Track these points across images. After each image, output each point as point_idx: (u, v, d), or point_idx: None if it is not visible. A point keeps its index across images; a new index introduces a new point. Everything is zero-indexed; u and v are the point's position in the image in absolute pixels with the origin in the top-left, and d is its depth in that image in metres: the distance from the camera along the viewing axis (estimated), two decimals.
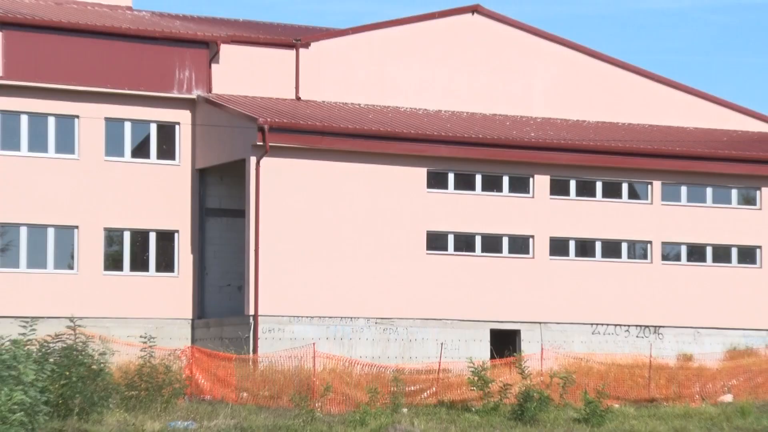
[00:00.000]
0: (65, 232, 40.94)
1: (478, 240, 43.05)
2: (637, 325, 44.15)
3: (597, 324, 43.63)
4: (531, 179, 43.59)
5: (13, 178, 40.20)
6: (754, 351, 43.67)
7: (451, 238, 42.68)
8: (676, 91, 49.41)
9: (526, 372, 36.63)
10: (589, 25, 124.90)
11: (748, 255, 46.32)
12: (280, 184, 40.22)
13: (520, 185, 43.56)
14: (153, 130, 42.15)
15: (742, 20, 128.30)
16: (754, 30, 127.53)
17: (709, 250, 45.91)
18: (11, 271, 40.27)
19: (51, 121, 40.85)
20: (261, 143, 39.45)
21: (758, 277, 46.18)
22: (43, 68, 40.36)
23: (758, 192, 46.59)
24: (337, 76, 44.31)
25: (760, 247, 46.26)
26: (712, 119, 49.63)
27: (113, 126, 41.52)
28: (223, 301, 42.01)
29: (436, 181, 42.55)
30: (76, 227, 40.93)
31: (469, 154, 42.46)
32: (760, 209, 46.58)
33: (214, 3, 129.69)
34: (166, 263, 42.07)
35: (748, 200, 46.66)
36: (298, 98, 43.62)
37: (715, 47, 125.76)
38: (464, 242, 42.93)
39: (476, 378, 35.97)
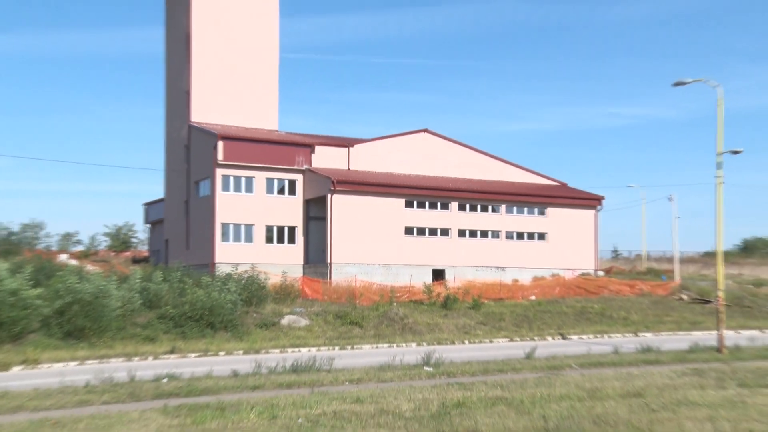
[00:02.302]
0: (248, 227, 41.16)
1: (427, 230, 43.20)
2: (495, 266, 44.37)
3: (477, 266, 43.83)
4: (450, 203, 43.75)
5: (230, 205, 40.50)
6: (545, 278, 44.16)
7: (415, 230, 42.84)
8: (512, 167, 49.50)
9: (447, 287, 37.28)
10: (477, 135, 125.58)
11: (542, 236, 46.48)
12: (341, 207, 40.53)
13: (444, 206, 43.67)
14: (286, 183, 42.28)
15: (545, 136, 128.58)
16: (545, 142, 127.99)
17: (525, 234, 46.08)
18: (228, 244, 40.10)
19: (242, 179, 41.13)
20: (333, 188, 39.83)
21: (545, 246, 46.24)
22: (241, 156, 40.65)
23: (546, 209, 46.72)
24: (365, 159, 44.54)
25: (546, 233, 46.42)
26: (528, 178, 49.82)
27: (269, 181, 41.73)
28: (316, 257, 42.21)
29: (408, 204, 42.65)
30: (253, 224, 41.19)
31: (422, 193, 42.69)
32: (547, 217, 46.73)
33: (311, 126, 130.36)
34: (292, 240, 42.14)
35: (542, 212, 46.75)
36: (348, 169, 43.87)
37: (531, 149, 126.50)
38: (421, 231, 43.03)
39: (426, 289, 36.67)
